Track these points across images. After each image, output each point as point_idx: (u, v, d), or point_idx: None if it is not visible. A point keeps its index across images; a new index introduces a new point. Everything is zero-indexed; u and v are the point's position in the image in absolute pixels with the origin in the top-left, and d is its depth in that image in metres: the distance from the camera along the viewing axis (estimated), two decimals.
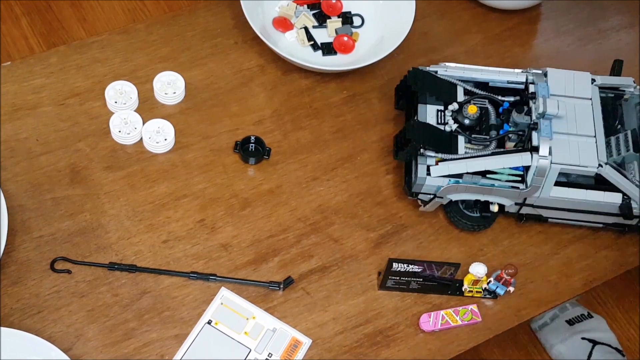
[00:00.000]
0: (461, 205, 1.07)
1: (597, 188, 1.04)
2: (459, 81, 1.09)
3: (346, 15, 1.24)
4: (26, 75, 1.13)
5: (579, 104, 1.05)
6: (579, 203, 1.05)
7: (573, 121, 1.04)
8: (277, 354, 0.98)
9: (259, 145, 1.11)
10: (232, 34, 1.21)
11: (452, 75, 1.10)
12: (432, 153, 1.04)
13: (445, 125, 1.07)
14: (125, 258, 1.02)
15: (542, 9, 1.32)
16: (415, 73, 1.10)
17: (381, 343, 1.01)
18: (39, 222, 1.03)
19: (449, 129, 1.06)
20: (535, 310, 1.06)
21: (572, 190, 1.04)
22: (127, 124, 1.10)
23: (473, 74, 1.10)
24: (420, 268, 1.00)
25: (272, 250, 1.05)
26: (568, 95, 1.06)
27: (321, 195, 1.10)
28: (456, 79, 1.10)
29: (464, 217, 1.08)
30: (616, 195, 1.03)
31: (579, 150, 1.02)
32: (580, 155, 1.02)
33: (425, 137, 1.04)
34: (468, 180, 1.03)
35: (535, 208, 1.06)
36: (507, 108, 1.07)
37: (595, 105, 1.06)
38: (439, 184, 1.04)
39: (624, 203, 1.03)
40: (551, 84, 1.06)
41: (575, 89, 1.06)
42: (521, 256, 1.09)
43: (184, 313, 1.00)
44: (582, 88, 1.07)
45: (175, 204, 1.07)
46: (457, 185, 1.03)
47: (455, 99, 1.08)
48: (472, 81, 1.10)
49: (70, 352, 0.95)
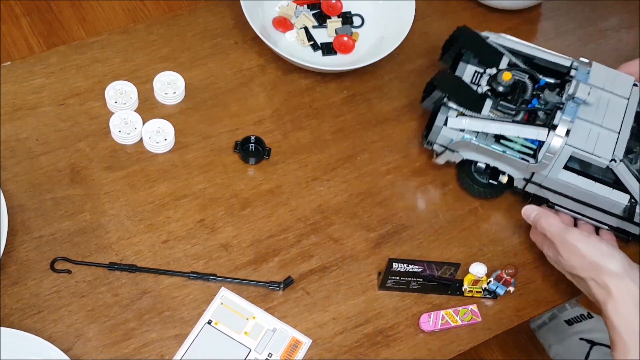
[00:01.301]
0: (472, 168, 1.09)
1: (607, 184, 1.04)
2: (506, 51, 1.11)
3: (346, 15, 1.24)
4: (26, 75, 1.13)
5: (613, 100, 1.05)
6: (585, 194, 1.04)
7: (602, 113, 1.04)
8: (277, 354, 0.98)
9: (259, 145, 1.12)
10: (232, 34, 1.21)
11: (502, 44, 1.11)
12: (455, 106, 1.05)
13: (478, 86, 1.08)
14: (125, 258, 1.02)
15: (542, 9, 1.32)
16: (463, 32, 1.12)
17: (381, 343, 1.01)
18: (39, 222, 1.03)
19: (480, 91, 1.08)
20: (535, 310, 1.06)
21: (579, 178, 1.04)
22: (127, 124, 1.10)
23: (522, 48, 1.11)
24: (420, 268, 1.01)
25: (272, 250, 1.05)
26: (606, 90, 1.06)
27: (321, 195, 1.10)
28: (504, 48, 1.11)
29: (474, 181, 1.09)
30: (623, 196, 1.03)
31: (597, 140, 1.02)
32: (596, 144, 1.01)
33: (452, 89, 1.06)
34: (481, 140, 1.05)
35: (542, 189, 1.07)
36: (542, 85, 1.08)
37: (630, 106, 1.05)
38: (453, 137, 1.06)
39: (629, 205, 1.03)
40: (592, 75, 1.07)
41: (615, 86, 1.06)
42: (521, 256, 1.09)
43: (184, 313, 1.00)
44: (622, 87, 1.06)
45: (175, 204, 1.07)
46: (469, 142, 1.05)
47: (497, 66, 1.10)
48: (519, 54, 1.11)
49: (70, 352, 0.95)
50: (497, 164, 1.07)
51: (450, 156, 1.09)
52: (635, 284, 0.93)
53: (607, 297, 0.94)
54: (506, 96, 1.08)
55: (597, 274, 0.95)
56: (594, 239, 0.98)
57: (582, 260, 0.97)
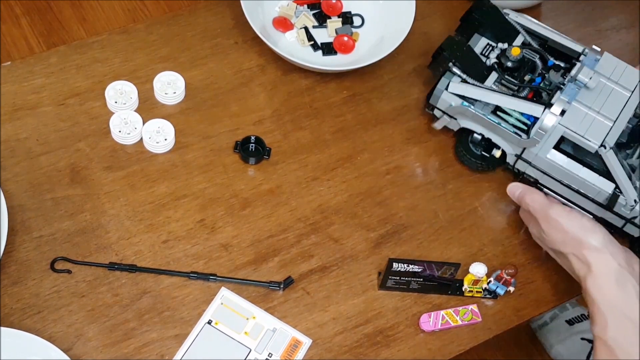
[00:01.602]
0: (469, 139, 1.11)
1: (595, 171, 1.04)
2: (523, 29, 1.12)
3: (346, 15, 1.24)
4: (26, 75, 1.13)
5: (616, 91, 1.05)
6: (571, 177, 1.05)
7: (602, 101, 1.04)
8: (277, 354, 0.98)
9: (259, 145, 1.11)
10: (232, 34, 1.21)
11: (520, 22, 1.13)
12: (459, 72, 1.07)
13: (487, 58, 1.10)
14: (125, 258, 1.02)
15: (542, 9, 1.32)
16: (483, 5, 1.14)
17: (381, 343, 1.01)
18: (39, 222, 1.03)
19: (488, 63, 1.10)
20: (535, 310, 1.06)
21: (568, 160, 1.05)
22: (127, 124, 1.10)
23: (538, 29, 1.13)
24: (420, 268, 1.00)
25: (272, 250, 1.05)
26: (612, 79, 1.06)
27: (321, 195, 1.10)
28: (521, 26, 1.13)
29: (468, 152, 1.11)
30: (609, 185, 1.03)
31: (590, 125, 1.02)
32: (589, 128, 1.02)
33: (459, 55, 1.09)
34: (479, 109, 1.07)
35: (531, 167, 1.08)
36: (550, 66, 1.10)
37: (632, 99, 1.05)
38: (452, 102, 1.08)
39: (612, 194, 1.03)
40: (601, 63, 1.07)
41: (621, 77, 1.07)
42: (521, 256, 1.09)
43: (184, 313, 1.00)
44: (629, 80, 1.06)
45: (175, 204, 1.07)
46: (466, 109, 1.07)
47: (511, 43, 1.11)
48: (535, 34, 1.13)
49: (70, 352, 0.95)
50: (492, 135, 1.08)
51: (448, 122, 1.11)
52: (615, 259, 0.94)
53: (587, 272, 0.95)
54: (513, 72, 1.10)
55: (578, 249, 0.96)
56: (575, 213, 0.99)
57: (564, 235, 0.98)
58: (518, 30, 1.13)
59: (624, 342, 0.90)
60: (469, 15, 1.15)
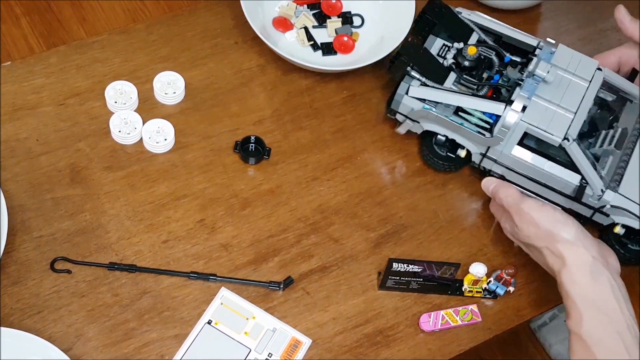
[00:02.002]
0: (433, 140, 1.11)
1: (561, 165, 1.04)
2: (477, 27, 1.12)
3: (346, 15, 1.24)
4: (26, 75, 1.13)
5: (574, 82, 1.06)
6: (537, 172, 1.05)
7: (561, 93, 1.04)
8: (277, 354, 0.98)
9: (259, 145, 1.12)
10: (232, 34, 1.21)
11: (473, 20, 1.13)
12: (418, 75, 1.07)
13: (444, 59, 1.10)
14: (125, 258, 1.02)
15: (542, 9, 1.32)
16: (436, 6, 1.14)
17: (381, 343, 1.01)
18: (39, 222, 1.03)
19: (446, 64, 1.10)
20: (536, 310, 1.06)
21: (532, 155, 1.05)
22: (127, 124, 1.10)
23: (492, 25, 1.13)
24: (420, 268, 1.01)
25: (272, 250, 1.05)
26: (569, 71, 1.06)
27: (321, 195, 1.10)
28: (475, 24, 1.13)
29: (433, 154, 1.11)
30: (575, 177, 1.03)
31: (552, 119, 1.02)
32: (551, 122, 1.02)
33: (416, 58, 1.08)
34: (440, 111, 1.07)
35: (497, 164, 1.08)
36: (507, 62, 1.10)
37: (590, 89, 1.05)
38: (414, 106, 1.08)
39: (579, 186, 1.03)
40: (557, 56, 1.07)
41: (578, 68, 1.07)
42: (521, 256, 1.09)
43: (184, 313, 1.00)
44: (585, 70, 1.07)
45: (175, 204, 1.07)
46: (428, 112, 1.07)
47: (466, 41, 1.12)
48: (489, 31, 1.13)
49: (70, 352, 0.95)
50: (456, 136, 1.08)
51: (412, 126, 1.11)
52: (588, 252, 0.93)
53: (561, 265, 0.94)
54: (471, 71, 1.10)
55: (552, 243, 0.96)
56: (548, 207, 0.99)
57: (536, 229, 0.98)
58: (472, 29, 1.13)
59: (598, 336, 0.89)
60: (422, 16, 1.15)
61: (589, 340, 0.89)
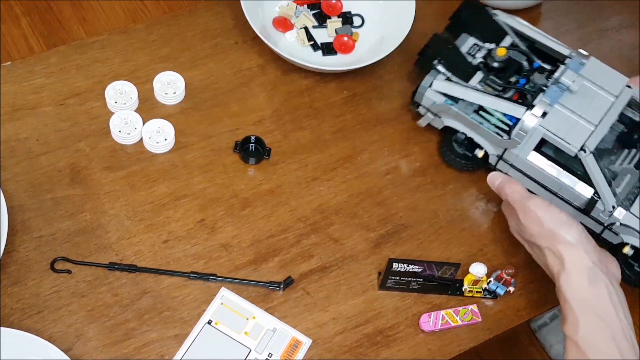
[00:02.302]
0: (452, 138, 1.11)
1: (576, 176, 1.04)
2: (512, 31, 1.12)
3: (346, 15, 1.24)
4: (26, 75, 1.13)
5: (600, 95, 1.05)
6: (551, 180, 1.05)
7: (585, 105, 1.04)
8: (277, 354, 0.98)
9: (259, 145, 1.12)
10: (232, 34, 1.21)
11: (509, 23, 1.13)
12: (444, 70, 1.08)
13: (473, 58, 1.11)
14: (125, 258, 1.02)
15: (542, 9, 1.32)
16: (472, 5, 1.14)
17: (381, 343, 1.01)
18: (39, 222, 1.03)
19: (474, 63, 1.10)
20: (536, 310, 1.06)
21: (547, 163, 1.05)
22: (127, 124, 1.10)
23: (527, 30, 1.13)
24: (420, 268, 1.01)
25: (272, 250, 1.05)
26: (597, 84, 1.06)
27: (321, 195, 1.10)
28: (510, 27, 1.13)
29: (452, 151, 1.12)
30: (588, 190, 1.03)
31: (571, 128, 1.02)
32: (570, 132, 1.02)
33: (444, 53, 1.10)
34: (462, 107, 1.07)
35: (512, 169, 1.08)
36: (535, 68, 1.10)
37: (616, 105, 1.05)
38: (436, 100, 1.09)
39: (590, 198, 1.03)
40: (587, 67, 1.07)
41: (606, 82, 1.06)
42: (521, 256, 1.09)
43: (184, 313, 1.00)
44: (613, 85, 1.06)
45: (175, 204, 1.07)
46: (449, 107, 1.08)
47: (498, 43, 1.12)
48: (523, 36, 1.13)
49: (70, 352, 0.95)
50: (474, 135, 1.08)
51: (432, 120, 1.12)
52: (588, 256, 0.93)
53: (560, 268, 0.94)
54: (498, 73, 1.10)
55: (553, 243, 0.95)
56: (554, 207, 0.98)
57: (540, 227, 0.97)
58: (506, 32, 1.13)
59: (594, 342, 0.89)
60: (457, 14, 1.15)
61: (584, 345, 0.89)
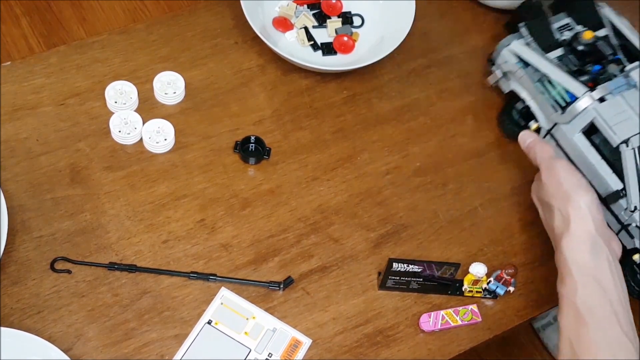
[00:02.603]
0: (513, 105, 1.14)
1: (612, 168, 1.04)
2: (610, 24, 1.13)
3: (346, 15, 1.24)
4: (26, 75, 1.13)
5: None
6: (587, 165, 1.05)
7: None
8: (277, 354, 0.98)
9: (259, 145, 1.12)
10: (232, 34, 1.21)
11: (609, 17, 1.14)
12: (527, 34, 1.12)
13: (561, 34, 1.13)
14: (125, 258, 1.02)
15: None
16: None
17: (381, 343, 1.01)
18: (39, 222, 1.03)
19: (560, 39, 1.12)
20: (536, 310, 1.06)
21: (590, 147, 1.05)
22: (127, 124, 1.10)
23: (624, 28, 1.13)
24: (420, 268, 1.01)
25: (272, 250, 1.05)
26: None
27: (321, 195, 1.10)
28: (609, 21, 1.14)
29: (509, 117, 1.16)
30: (618, 183, 1.03)
31: (623, 121, 1.03)
32: (620, 123, 1.03)
33: (532, 20, 1.13)
34: (529, 72, 1.11)
35: (557, 146, 1.09)
36: (615, 60, 1.10)
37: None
38: (508, 60, 1.14)
39: (615, 191, 1.03)
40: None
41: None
42: (521, 256, 1.09)
43: (184, 313, 1.00)
44: None
45: (175, 204, 1.07)
46: (517, 68, 1.12)
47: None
48: (619, 33, 1.13)
49: (70, 352, 0.95)
50: (532, 103, 1.11)
51: (500, 80, 1.16)
52: (594, 225, 0.93)
53: (565, 229, 0.94)
54: (580, 56, 1.11)
55: (565, 205, 0.95)
56: (577, 173, 0.99)
57: (557, 187, 0.97)
58: (604, 24, 1.13)
59: (592, 306, 0.89)
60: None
61: (583, 307, 0.89)
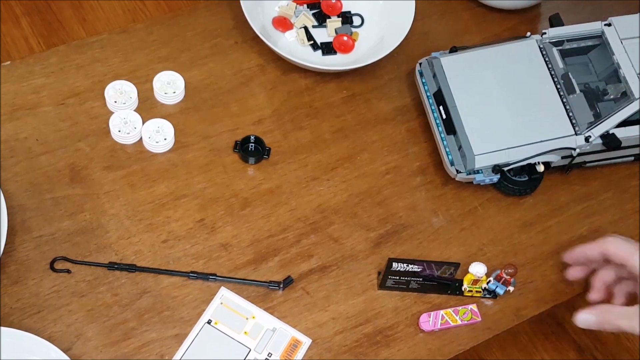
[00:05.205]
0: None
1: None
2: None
3: (346, 15, 1.24)
4: (26, 75, 1.13)
5: None
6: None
7: None
8: (277, 353, 0.98)
9: (259, 145, 1.12)
10: (232, 34, 1.21)
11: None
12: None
13: None
14: (125, 258, 1.02)
15: (542, 9, 1.32)
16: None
17: (381, 343, 1.01)
18: (39, 221, 1.03)
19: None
20: (535, 310, 1.06)
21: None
22: (126, 124, 1.10)
23: None
24: (420, 268, 1.01)
25: (272, 250, 1.05)
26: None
27: (321, 195, 1.10)
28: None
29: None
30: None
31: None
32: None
33: None
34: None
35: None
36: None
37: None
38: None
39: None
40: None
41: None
42: (521, 256, 1.09)
43: (183, 313, 1.00)
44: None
45: (175, 203, 1.07)
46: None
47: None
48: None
49: (70, 352, 0.95)
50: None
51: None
52: None
53: None
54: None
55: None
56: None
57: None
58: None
59: None
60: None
61: None
